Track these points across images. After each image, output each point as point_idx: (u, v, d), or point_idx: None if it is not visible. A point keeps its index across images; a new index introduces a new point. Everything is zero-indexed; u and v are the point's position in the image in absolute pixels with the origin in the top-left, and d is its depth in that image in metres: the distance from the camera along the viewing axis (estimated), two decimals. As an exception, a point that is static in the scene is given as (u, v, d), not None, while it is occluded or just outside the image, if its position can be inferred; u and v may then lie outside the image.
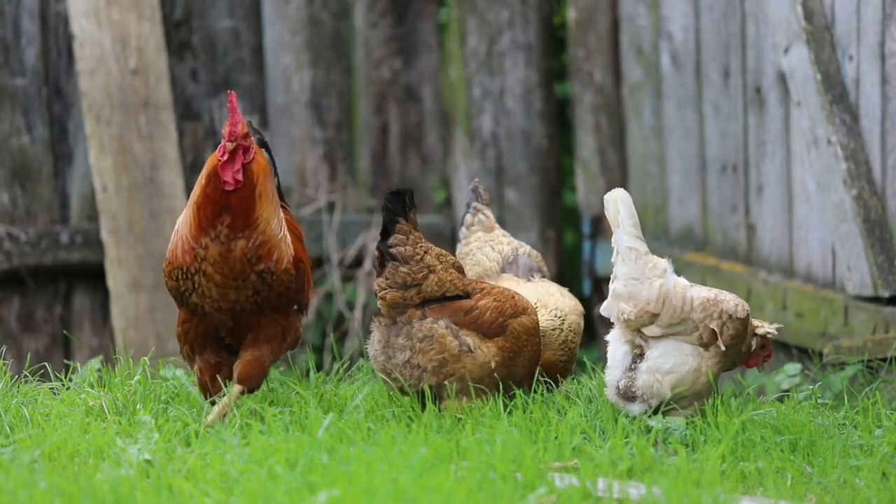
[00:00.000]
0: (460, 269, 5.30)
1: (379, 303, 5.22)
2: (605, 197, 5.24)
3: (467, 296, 5.23)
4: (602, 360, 6.64)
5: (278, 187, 5.24)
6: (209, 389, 5.14)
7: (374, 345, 5.24)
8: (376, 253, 5.20)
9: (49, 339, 7.58)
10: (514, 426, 4.86)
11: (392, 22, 8.11)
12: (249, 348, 5.11)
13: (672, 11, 7.46)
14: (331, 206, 7.99)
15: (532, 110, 8.14)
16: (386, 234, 5.18)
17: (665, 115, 7.59)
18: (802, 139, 6.63)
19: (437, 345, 5.14)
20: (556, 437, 4.79)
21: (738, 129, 7.13)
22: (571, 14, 7.97)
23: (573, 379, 5.75)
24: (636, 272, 5.19)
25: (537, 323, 5.33)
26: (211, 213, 4.98)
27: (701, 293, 5.24)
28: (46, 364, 5.80)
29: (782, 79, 6.76)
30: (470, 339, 5.17)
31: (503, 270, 5.77)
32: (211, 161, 5.00)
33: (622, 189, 5.26)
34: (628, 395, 5.18)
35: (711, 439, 4.88)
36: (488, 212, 5.99)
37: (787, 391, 6.36)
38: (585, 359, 5.91)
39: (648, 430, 4.97)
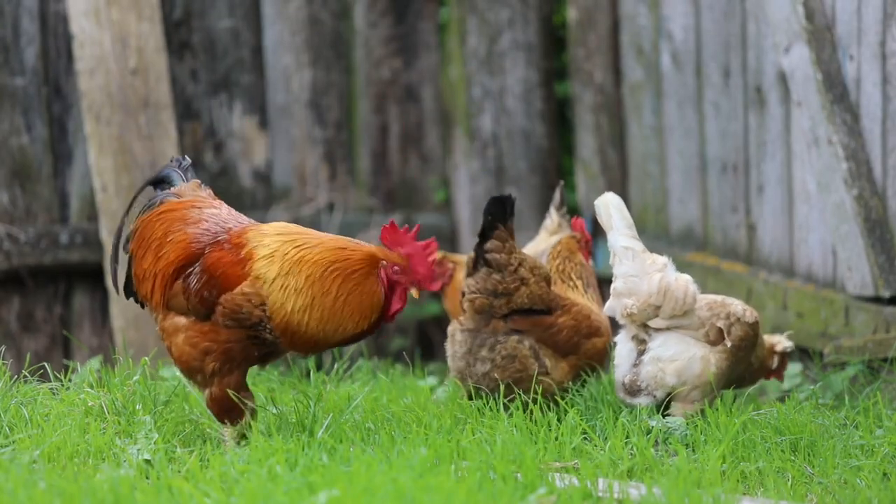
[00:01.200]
0: (549, 282, 5.33)
1: (465, 305, 5.23)
2: (596, 202, 5.30)
3: (549, 311, 5.27)
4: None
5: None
6: (242, 405, 4.82)
7: (455, 346, 5.27)
8: (471, 254, 5.22)
9: (49, 339, 7.57)
10: (514, 426, 4.86)
11: (392, 22, 8.11)
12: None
13: (672, 11, 7.45)
14: (331, 207, 7.99)
15: (532, 110, 8.14)
16: (484, 237, 5.20)
17: (665, 115, 7.58)
18: (803, 139, 6.63)
19: (519, 364, 5.19)
20: (556, 438, 4.78)
21: (739, 129, 7.13)
22: (572, 14, 7.97)
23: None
24: (634, 269, 5.24)
25: (607, 344, 5.38)
26: (361, 338, 4.80)
27: (708, 296, 5.30)
28: (46, 364, 5.80)
29: (783, 78, 6.75)
30: (548, 361, 5.23)
31: None
32: (370, 284, 4.74)
33: (611, 193, 5.32)
34: (633, 390, 5.22)
35: (712, 439, 4.87)
36: (556, 215, 6.02)
37: (788, 391, 6.36)
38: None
39: (649, 430, 4.97)
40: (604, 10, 7.87)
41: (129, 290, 5.01)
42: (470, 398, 5.33)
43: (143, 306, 5.00)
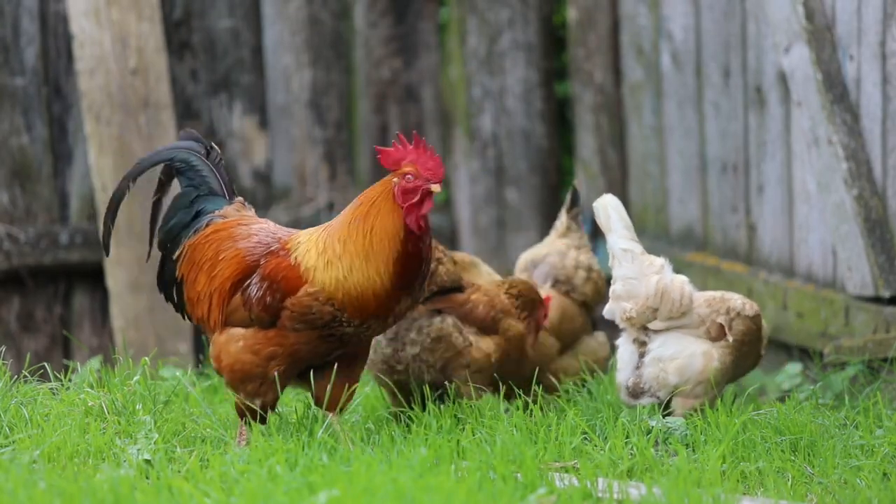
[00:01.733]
0: (454, 262, 5.37)
1: None
2: (594, 204, 5.32)
3: (461, 289, 5.30)
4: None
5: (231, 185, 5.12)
6: (263, 418, 4.84)
7: (378, 339, 5.27)
8: None
9: (48, 339, 7.57)
10: (514, 426, 4.85)
11: (392, 22, 8.11)
12: (355, 367, 4.88)
13: (672, 11, 7.45)
14: (331, 206, 7.98)
15: (532, 110, 8.13)
16: None
17: (665, 115, 7.58)
18: (803, 139, 6.63)
19: (446, 343, 5.19)
20: (556, 438, 4.78)
21: (739, 129, 7.13)
22: (572, 14, 7.97)
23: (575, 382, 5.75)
24: (633, 272, 5.24)
25: (523, 335, 5.38)
26: (414, 267, 4.72)
27: (708, 293, 5.30)
28: (46, 364, 5.79)
29: (783, 78, 6.75)
30: (472, 337, 5.23)
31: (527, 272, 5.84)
32: (389, 207, 4.72)
33: (610, 195, 5.33)
34: (637, 392, 5.23)
35: (712, 439, 4.87)
36: (565, 217, 5.98)
37: (788, 391, 6.36)
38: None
39: (649, 430, 4.96)
40: (604, 10, 7.87)
41: (175, 304, 5.04)
42: (395, 396, 5.29)
43: (178, 312, 5.03)
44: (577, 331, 5.81)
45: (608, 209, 5.29)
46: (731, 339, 5.24)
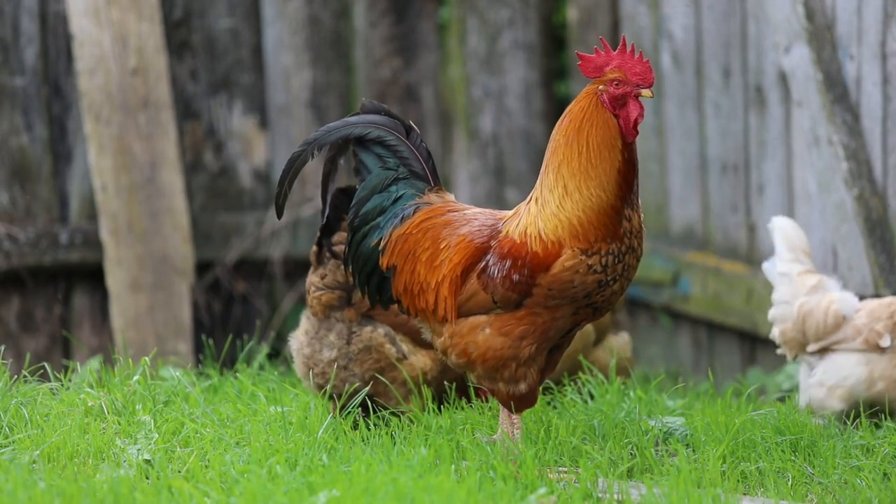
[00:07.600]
0: None
1: (312, 302, 5.08)
2: (768, 226, 5.44)
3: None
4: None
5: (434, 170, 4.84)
6: (532, 399, 4.60)
7: (299, 336, 5.11)
8: (314, 248, 5.06)
9: (48, 339, 7.57)
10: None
11: (392, 21, 8.11)
12: (556, 355, 4.72)
13: (673, 10, 7.45)
14: (331, 206, 7.98)
15: (532, 110, 8.13)
16: (329, 231, 5.06)
17: (665, 115, 7.58)
18: (803, 139, 6.63)
19: (377, 354, 5.04)
20: (555, 437, 4.78)
21: (739, 129, 7.13)
22: (572, 13, 7.97)
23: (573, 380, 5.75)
24: (786, 295, 5.36)
25: None
26: (631, 177, 4.46)
27: (876, 301, 5.31)
28: (46, 364, 5.79)
29: (783, 78, 6.75)
30: (406, 346, 5.05)
31: None
32: (602, 116, 4.53)
33: (782, 217, 5.44)
34: (811, 411, 5.28)
35: (712, 439, 4.87)
36: None
37: (788, 391, 6.35)
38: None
39: (648, 430, 4.96)
40: (604, 9, 7.87)
41: (386, 301, 4.77)
42: (333, 403, 5.09)
43: (365, 295, 4.79)
44: (606, 326, 5.81)
45: (774, 231, 5.41)
46: (886, 343, 5.23)
